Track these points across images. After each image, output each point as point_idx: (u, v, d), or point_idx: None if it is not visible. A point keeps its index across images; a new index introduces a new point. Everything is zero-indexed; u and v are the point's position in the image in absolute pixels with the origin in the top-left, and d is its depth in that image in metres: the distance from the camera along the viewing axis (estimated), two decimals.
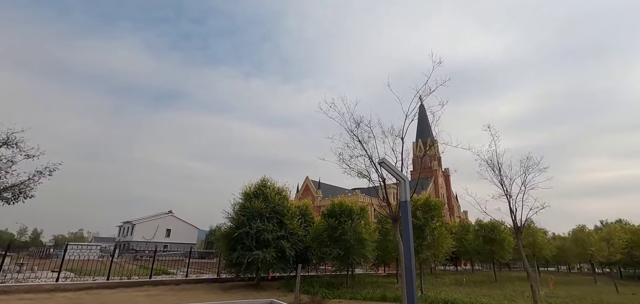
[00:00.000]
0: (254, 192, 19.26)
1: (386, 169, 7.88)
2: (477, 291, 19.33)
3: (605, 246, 21.15)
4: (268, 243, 17.64)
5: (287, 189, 20.72)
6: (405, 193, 8.17)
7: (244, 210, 18.47)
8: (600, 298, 17.82)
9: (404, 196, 8.13)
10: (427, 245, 14.83)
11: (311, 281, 20.31)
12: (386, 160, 8.01)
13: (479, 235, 26.11)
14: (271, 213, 18.63)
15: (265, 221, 17.96)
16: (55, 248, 58.20)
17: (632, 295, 19.90)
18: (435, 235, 15.14)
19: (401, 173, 8.39)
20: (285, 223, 19.07)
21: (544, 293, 18.58)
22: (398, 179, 8.49)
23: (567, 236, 39.00)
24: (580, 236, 28.04)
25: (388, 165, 8.02)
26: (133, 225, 75.46)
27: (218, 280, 19.81)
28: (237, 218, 18.40)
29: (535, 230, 24.41)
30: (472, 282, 24.64)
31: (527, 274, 12.52)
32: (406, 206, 8.11)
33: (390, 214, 10.06)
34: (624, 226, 31.93)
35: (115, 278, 16.63)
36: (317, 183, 72.63)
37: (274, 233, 17.94)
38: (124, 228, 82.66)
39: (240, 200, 19.35)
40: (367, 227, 18.94)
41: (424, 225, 15.15)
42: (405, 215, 8.09)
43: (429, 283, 22.00)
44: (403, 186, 8.22)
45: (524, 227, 12.83)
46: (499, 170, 12.90)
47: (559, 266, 58.83)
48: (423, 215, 15.25)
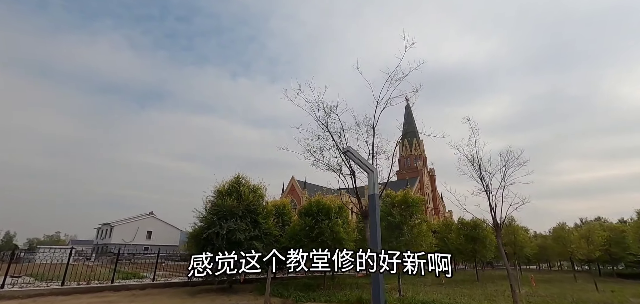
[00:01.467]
0: (227, 190, 18.24)
1: (352, 159, 7.09)
2: (458, 290, 18.83)
3: (585, 244, 21.08)
4: (240, 244, 16.67)
5: (263, 187, 19.74)
6: (373, 185, 7.41)
7: (216, 208, 17.45)
8: (580, 296, 17.58)
9: (372, 189, 7.38)
10: (404, 242, 14.16)
11: (287, 283, 19.42)
12: (351, 150, 7.23)
13: (460, 234, 25.77)
14: (244, 212, 17.63)
15: (237, 221, 16.96)
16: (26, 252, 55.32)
17: (611, 292, 19.81)
18: (414, 233, 14.52)
19: (369, 163, 7.64)
20: (260, 223, 18.10)
21: (524, 292, 18.24)
22: (365, 170, 7.71)
23: (548, 234, 39.42)
24: (561, 234, 28.11)
25: (353, 154, 7.25)
26: (111, 227, 72.73)
27: (189, 284, 18.69)
28: (208, 218, 17.34)
29: (517, 227, 24.24)
30: (454, 281, 24.21)
31: (507, 273, 11.99)
32: (374, 200, 7.34)
33: (360, 209, 9.30)
34: (603, 224, 32.34)
35: (71, 283, 15.32)
36: (303, 183, 71.81)
37: (246, 233, 16.97)
38: (102, 230, 79.77)
39: (212, 198, 18.30)
40: (345, 226, 18.19)
41: (401, 223, 14.49)
42: (373, 209, 7.32)
43: (409, 283, 21.43)
44: (371, 178, 7.47)
45: (503, 224, 12.33)
46: (478, 165, 12.35)
47: (540, 264, 59.66)
48: (401, 212, 14.60)
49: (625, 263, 36.28)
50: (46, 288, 14.50)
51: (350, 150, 7.02)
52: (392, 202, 15.32)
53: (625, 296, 18.35)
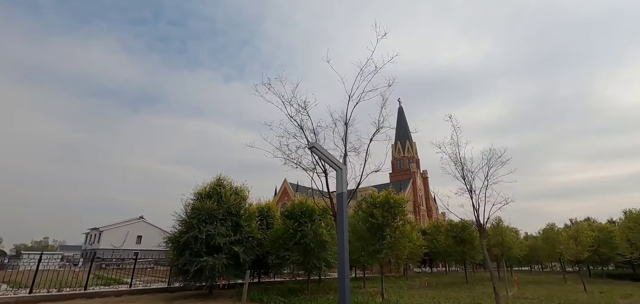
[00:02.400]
0: (207, 192, 17.68)
1: (317, 155, 6.66)
2: (444, 293, 18.48)
3: (573, 244, 20.85)
4: (220, 248, 16.13)
5: (246, 188, 19.21)
6: (341, 183, 6.98)
7: (195, 211, 16.90)
8: (567, 297, 17.31)
9: (340, 187, 6.95)
10: (387, 244, 13.70)
11: (271, 287, 18.92)
12: (317, 146, 6.80)
13: (449, 235, 25.44)
14: (225, 215, 17.09)
15: (217, 224, 16.42)
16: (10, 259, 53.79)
17: (600, 294, 19.58)
18: (397, 234, 14.11)
19: (336, 160, 7.22)
20: (242, 225, 17.57)
21: (512, 294, 17.92)
22: (333, 167, 7.29)
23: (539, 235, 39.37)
24: (550, 235, 27.97)
25: (319, 150, 6.82)
26: (100, 231, 71.42)
27: (168, 289, 18.08)
28: (187, 221, 16.77)
29: (504, 228, 23.97)
30: (442, 284, 23.89)
31: (490, 276, 11.63)
32: (342, 199, 6.91)
33: (331, 209, 8.86)
34: (592, 224, 32.31)
35: (40, 291, 14.62)
36: (296, 185, 71.22)
37: (227, 237, 16.43)
38: (91, 235, 78.40)
39: (192, 201, 17.72)
40: (330, 229, 17.74)
41: (383, 225, 14.06)
42: (341, 208, 6.90)
43: (397, 287, 21.04)
44: (340, 175, 7.04)
45: (491, 225, 12.00)
46: (461, 164, 12.01)
47: (532, 265, 59.70)
48: (382, 214, 14.17)
49: (615, 263, 36.34)
50: (13, 296, 13.79)
51: (316, 146, 6.59)
52: (374, 203, 14.92)
53: (613, 297, 18.12)
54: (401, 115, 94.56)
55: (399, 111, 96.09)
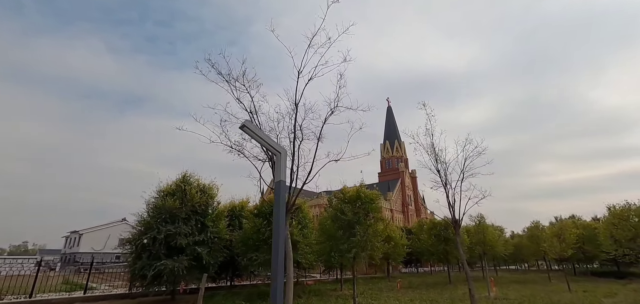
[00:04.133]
0: (171, 190, 16.41)
1: (249, 134, 5.60)
2: (424, 294, 17.61)
3: (557, 242, 20.24)
4: (182, 250, 14.91)
5: (214, 186, 17.95)
6: (280, 169, 5.92)
7: (156, 210, 15.65)
8: (551, 298, 16.61)
9: (278, 174, 5.90)
10: (357, 243, 12.67)
11: (240, 292, 17.78)
12: (248, 124, 5.71)
13: (431, 234, 24.61)
14: (189, 214, 15.86)
15: (179, 224, 15.18)
16: None
17: (584, 293, 18.97)
18: (369, 233, 13.12)
19: (274, 143, 6.15)
20: (208, 225, 16.37)
21: (493, 294, 17.13)
22: (270, 150, 6.24)
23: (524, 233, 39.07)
24: (535, 233, 27.47)
25: (251, 130, 5.74)
26: (80, 234, 68.84)
27: (128, 296, 16.71)
28: (146, 221, 15.51)
29: (486, 226, 23.27)
30: (425, 285, 23.03)
31: (466, 276, 10.71)
32: (280, 188, 5.86)
33: (271, 205, 7.80)
34: (576, 222, 31.99)
35: None
36: None
37: (190, 238, 15.21)
38: (71, 238, 75.60)
39: (154, 199, 16.43)
40: (304, 229, 16.70)
41: (354, 222, 13.06)
42: (278, 199, 5.89)
43: (376, 289, 20.08)
44: (278, 161, 5.99)
45: (462, 219, 11.12)
46: (435, 155, 11.09)
47: (519, 265, 59.59)
48: (352, 210, 13.18)
49: (599, 261, 36.15)
50: None
51: (247, 125, 5.49)
52: (344, 199, 13.93)
53: (597, 296, 17.50)
54: (390, 115, 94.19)
55: (387, 111, 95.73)
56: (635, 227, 19.93)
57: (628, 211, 20.59)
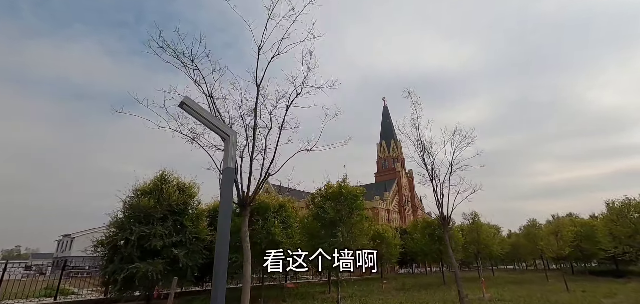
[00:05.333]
0: (148, 188, 15.53)
1: (190, 114, 4.76)
2: (415, 296, 16.81)
3: (554, 240, 19.49)
4: (157, 252, 14.03)
5: (195, 185, 17.05)
6: (228, 155, 5.10)
7: (130, 210, 14.78)
8: (548, 298, 15.85)
9: (226, 160, 5.09)
10: (338, 243, 11.84)
11: None
12: (188, 101, 4.88)
13: (425, 233, 23.80)
14: (166, 214, 14.98)
15: (154, 224, 14.29)
16: None
17: (582, 293, 18.22)
18: (354, 232, 12.31)
19: (221, 125, 5.33)
20: (187, 226, 15.48)
21: (488, 296, 16.34)
22: (216, 132, 5.41)
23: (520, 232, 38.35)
24: (531, 231, 26.72)
25: (192, 108, 4.92)
26: (72, 238, 67.62)
27: (103, 301, 15.81)
28: (120, 222, 14.61)
29: (480, 224, 22.46)
30: (418, 285, 22.21)
31: (455, 277, 9.92)
32: (229, 175, 5.06)
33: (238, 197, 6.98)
34: (574, 219, 31.27)
35: None
36: (278, 186, 68.94)
37: (166, 239, 14.32)
38: (63, 242, 74.28)
39: (130, 198, 15.54)
40: (288, 229, 15.84)
41: (337, 220, 12.25)
42: (227, 190, 5.09)
43: (367, 291, 19.22)
44: (228, 144, 5.16)
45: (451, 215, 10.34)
46: (421, 145, 10.30)
47: (517, 264, 58.83)
48: (334, 207, 12.36)
49: (598, 259, 35.42)
50: None
51: (186, 102, 4.64)
52: (326, 194, 13.12)
53: (596, 296, 16.75)
54: (386, 114, 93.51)
55: (383, 110, 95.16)
56: (635, 223, 19.22)
57: (628, 206, 19.89)
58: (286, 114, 7.29)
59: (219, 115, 7.39)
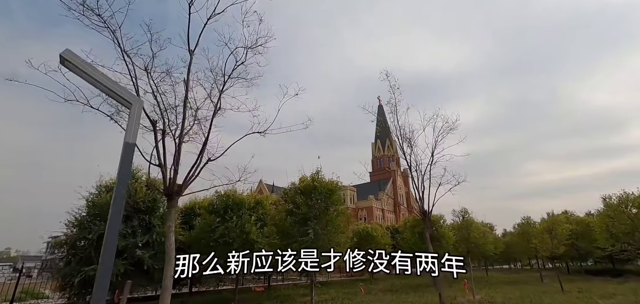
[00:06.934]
0: (113, 185, 14.41)
1: (72, 70, 3.75)
2: (402, 298, 15.82)
3: (549, 238, 18.57)
4: (120, 253, 12.94)
5: None
6: (131, 129, 4.16)
7: (93, 208, 13.73)
8: (542, 299, 14.91)
9: (128, 134, 4.14)
10: (308, 241, 10.78)
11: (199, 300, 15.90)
12: (69, 55, 3.87)
13: (414, 232, 22.78)
14: (131, 212, 13.91)
15: None
16: None
17: (578, 293, 17.30)
18: (329, 229, 11.30)
19: (119, 88, 4.33)
20: (155, 225, 14.43)
21: (479, 298, 15.37)
22: (116, 99, 4.40)
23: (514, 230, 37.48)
24: (526, 229, 25.82)
25: (73, 63, 3.93)
26: None
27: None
28: (78, 220, 13.54)
29: (470, 221, 21.46)
30: (408, 286, 21.19)
31: (435, 280, 8.91)
32: (129, 152, 4.13)
33: (164, 185, 5.92)
34: (569, 217, 30.41)
35: None
36: (271, 186, 67.81)
37: (130, 239, 13.26)
38: (52, 243, 72.69)
39: (92, 196, 14.46)
40: (265, 227, 14.81)
41: (310, 216, 11.22)
42: (124, 170, 4.13)
43: (351, 292, 18.20)
44: (132, 112, 4.24)
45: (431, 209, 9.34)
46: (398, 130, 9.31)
47: (513, 264, 57.92)
48: (307, 202, 11.34)
49: (594, 258, 34.56)
50: None
51: (68, 58, 3.67)
52: (297, 189, 12.10)
53: (592, 297, 15.83)
54: (381, 113, 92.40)
55: (378, 109, 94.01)
56: (633, 219, 18.33)
57: (625, 201, 19.00)
58: (224, 87, 6.25)
59: (135, 84, 6.03)
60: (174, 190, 6.15)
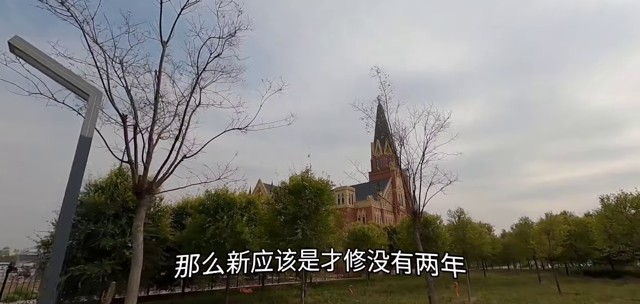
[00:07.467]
0: (102, 184, 14.19)
1: (23, 58, 3.49)
2: (397, 300, 15.60)
3: (546, 239, 18.31)
4: (107, 253, 12.70)
5: None
6: (88, 122, 3.84)
7: (81, 207, 13.45)
8: (539, 301, 14.67)
9: (85, 126, 3.85)
10: (296, 242, 10.49)
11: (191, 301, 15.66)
12: (19, 41, 3.58)
13: (410, 232, 22.46)
14: (120, 212, 13.65)
15: (104, 222, 12.96)
16: None
17: (576, 295, 17.05)
18: (319, 229, 11.04)
19: (72, 77, 4.05)
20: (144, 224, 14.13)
21: (475, 299, 15.12)
22: (72, 89, 4.12)
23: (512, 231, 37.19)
24: (523, 230, 25.56)
25: (24, 51, 3.64)
26: None
27: None
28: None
29: (466, 222, 21.20)
30: (405, 288, 20.95)
31: (427, 282, 8.65)
32: (84, 147, 3.84)
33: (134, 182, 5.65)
34: (568, 218, 30.11)
35: None
36: (271, 186, 67.57)
37: (118, 239, 12.99)
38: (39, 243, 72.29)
39: (81, 195, 14.17)
40: (257, 227, 14.55)
41: (298, 216, 10.96)
42: (78, 166, 3.83)
43: (345, 293, 17.94)
44: (89, 105, 3.93)
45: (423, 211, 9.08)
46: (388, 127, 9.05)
47: (511, 265, 57.57)
48: (295, 202, 11.07)
49: (593, 259, 34.27)
50: None
51: (16, 43, 3.31)
52: (287, 188, 11.85)
53: (590, 299, 15.61)
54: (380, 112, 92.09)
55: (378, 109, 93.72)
56: (631, 220, 18.06)
57: (624, 201, 18.72)
58: (198, 80, 5.99)
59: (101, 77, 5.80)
60: (143, 187, 5.89)
